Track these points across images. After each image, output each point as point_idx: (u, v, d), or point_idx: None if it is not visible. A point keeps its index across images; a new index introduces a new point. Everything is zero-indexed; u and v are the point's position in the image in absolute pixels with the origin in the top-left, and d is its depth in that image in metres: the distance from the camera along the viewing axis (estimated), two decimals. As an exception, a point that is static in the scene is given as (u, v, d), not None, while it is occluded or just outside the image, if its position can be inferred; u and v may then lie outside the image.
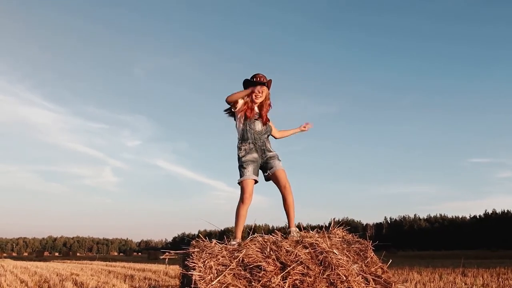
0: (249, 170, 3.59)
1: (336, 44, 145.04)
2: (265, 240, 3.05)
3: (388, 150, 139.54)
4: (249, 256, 2.77)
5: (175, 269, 12.81)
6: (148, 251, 58.59)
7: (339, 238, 3.18)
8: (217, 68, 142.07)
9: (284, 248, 2.85)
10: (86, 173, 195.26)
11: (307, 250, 2.86)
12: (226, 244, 3.15)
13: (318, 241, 2.96)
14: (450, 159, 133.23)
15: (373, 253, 2.98)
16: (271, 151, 3.74)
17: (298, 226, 3.47)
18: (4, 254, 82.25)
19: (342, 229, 3.36)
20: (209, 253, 2.84)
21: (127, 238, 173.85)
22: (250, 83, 3.79)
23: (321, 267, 2.75)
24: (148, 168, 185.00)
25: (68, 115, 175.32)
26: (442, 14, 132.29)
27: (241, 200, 3.51)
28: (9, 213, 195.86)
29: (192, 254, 2.86)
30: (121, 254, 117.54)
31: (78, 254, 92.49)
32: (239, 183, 3.62)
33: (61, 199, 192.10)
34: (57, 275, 12.56)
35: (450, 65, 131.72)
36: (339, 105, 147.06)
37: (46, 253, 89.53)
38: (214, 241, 3.18)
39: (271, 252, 2.81)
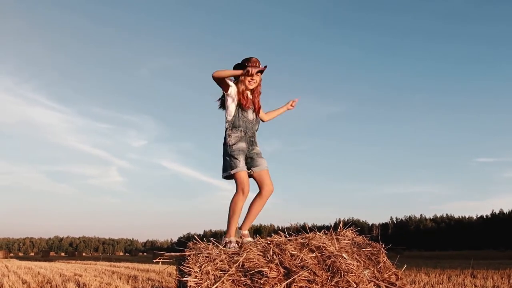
0: (241, 161, 3.29)
1: (342, 44, 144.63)
2: (268, 242, 2.78)
3: (394, 150, 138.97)
4: (250, 260, 2.51)
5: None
6: (153, 251, 58.63)
7: (348, 240, 2.92)
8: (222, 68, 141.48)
9: (289, 252, 2.59)
10: (92, 173, 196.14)
11: (314, 254, 2.60)
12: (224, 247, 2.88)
13: (325, 243, 2.69)
14: (456, 159, 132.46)
15: (386, 258, 2.71)
16: (257, 146, 3.47)
17: (304, 227, 3.21)
18: (11, 254, 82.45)
19: (352, 230, 3.09)
20: (206, 257, 2.59)
21: (132, 238, 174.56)
22: (243, 68, 3.40)
23: (329, 273, 2.50)
24: (153, 168, 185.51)
25: (74, 116, 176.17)
26: (449, 14, 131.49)
27: (241, 191, 3.19)
28: (16, 213, 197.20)
29: (188, 258, 2.61)
30: (126, 254, 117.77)
31: (84, 254, 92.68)
32: (230, 175, 3.28)
33: (67, 199, 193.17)
34: (60, 275, 12.43)
35: (456, 65, 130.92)
36: (346, 105, 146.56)
37: (52, 253, 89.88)
38: (212, 243, 2.90)
39: (274, 256, 2.55)
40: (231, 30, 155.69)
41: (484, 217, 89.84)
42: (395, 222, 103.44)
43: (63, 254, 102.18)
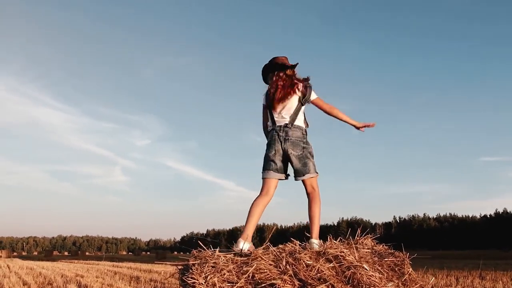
0: None
1: (349, 43, 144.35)
2: (280, 250, 2.51)
3: (398, 149, 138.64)
4: (260, 271, 2.25)
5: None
6: (156, 251, 58.56)
7: (368, 249, 2.63)
8: (227, 68, 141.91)
9: (304, 262, 2.31)
10: (96, 172, 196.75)
11: (331, 264, 2.32)
12: (233, 254, 2.62)
13: (343, 252, 2.41)
14: (460, 158, 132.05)
15: (411, 269, 2.44)
16: None
17: (307, 226, 2.98)
18: (14, 253, 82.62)
19: (371, 238, 2.80)
20: (212, 267, 2.33)
21: (136, 237, 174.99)
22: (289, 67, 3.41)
23: (348, 286, 2.24)
24: (157, 167, 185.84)
25: (78, 115, 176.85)
26: (457, 13, 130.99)
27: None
28: (20, 213, 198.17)
29: (192, 268, 2.35)
30: (130, 253, 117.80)
31: (87, 253, 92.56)
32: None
33: (71, 199, 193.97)
34: (61, 276, 12.26)
35: (460, 64, 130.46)
36: (348, 105, 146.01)
37: (55, 252, 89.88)
38: (217, 250, 2.62)
39: (288, 266, 2.28)
40: (236, 30, 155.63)
41: (488, 216, 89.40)
42: (398, 221, 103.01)
43: (66, 253, 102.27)
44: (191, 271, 2.26)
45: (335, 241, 2.62)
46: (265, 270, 2.19)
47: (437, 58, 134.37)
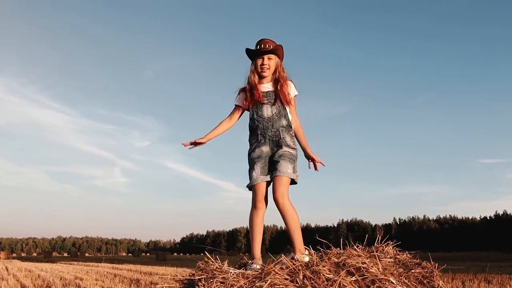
0: (257, 171, 2.79)
1: (345, 45, 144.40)
2: (295, 263, 2.22)
3: (398, 151, 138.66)
4: (275, 286, 1.99)
5: (183, 273, 12.22)
6: (156, 252, 58.35)
7: (390, 258, 2.34)
8: (226, 69, 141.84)
9: (323, 275, 2.03)
10: (96, 173, 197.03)
11: (354, 278, 2.06)
12: (245, 267, 2.38)
13: (365, 263, 2.13)
14: (460, 159, 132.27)
15: (441, 281, 2.19)
16: (287, 146, 2.81)
17: (306, 228, 2.70)
18: (13, 254, 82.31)
19: (392, 245, 2.50)
20: (221, 282, 2.06)
21: (135, 239, 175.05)
22: (252, 53, 2.93)
23: (374, 302, 1.97)
24: (157, 168, 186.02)
25: (78, 117, 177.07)
26: (455, 15, 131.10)
27: (253, 205, 2.74)
28: (20, 213, 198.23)
29: (198, 283, 2.09)
30: (129, 254, 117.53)
31: (86, 254, 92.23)
32: (249, 188, 2.82)
33: (71, 200, 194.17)
34: (60, 279, 12.06)
35: (460, 66, 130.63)
36: (348, 106, 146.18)
37: (54, 254, 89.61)
38: (226, 263, 2.35)
39: (306, 281, 2.01)
40: (234, 32, 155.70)
41: (488, 218, 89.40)
42: (398, 222, 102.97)
43: (65, 254, 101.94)
44: (196, 287, 2.03)
45: (356, 249, 2.33)
46: (281, 286, 1.95)
47: (437, 59, 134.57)
